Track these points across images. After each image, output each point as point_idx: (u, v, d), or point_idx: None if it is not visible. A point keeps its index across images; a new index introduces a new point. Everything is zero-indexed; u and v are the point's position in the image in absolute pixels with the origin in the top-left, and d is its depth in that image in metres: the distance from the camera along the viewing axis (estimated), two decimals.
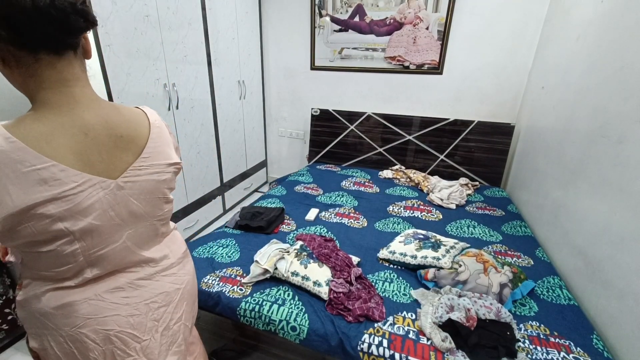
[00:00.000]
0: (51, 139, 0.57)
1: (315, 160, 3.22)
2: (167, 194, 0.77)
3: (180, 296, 0.82)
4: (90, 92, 0.65)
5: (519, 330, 1.17)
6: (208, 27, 2.33)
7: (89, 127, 0.62)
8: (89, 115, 0.62)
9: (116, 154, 0.65)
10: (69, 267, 0.64)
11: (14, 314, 1.59)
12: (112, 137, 0.65)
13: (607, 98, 1.42)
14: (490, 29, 2.47)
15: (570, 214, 1.59)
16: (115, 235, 0.68)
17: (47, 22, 0.53)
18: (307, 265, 1.39)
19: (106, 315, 0.68)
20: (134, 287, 0.73)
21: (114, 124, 0.65)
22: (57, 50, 0.57)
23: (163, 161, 0.73)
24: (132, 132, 0.69)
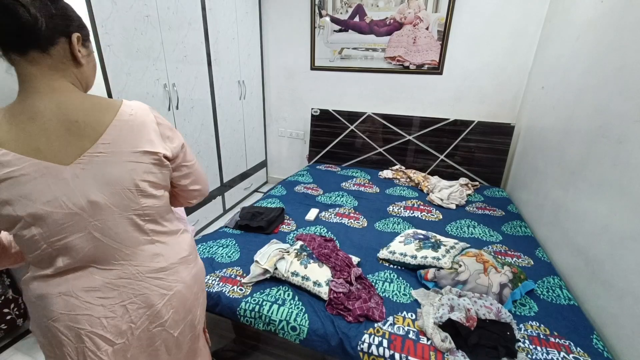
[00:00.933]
0: (1, 128, 0.61)
1: (315, 161, 3.22)
2: (144, 186, 0.71)
3: (166, 302, 0.78)
4: (60, 84, 0.66)
5: (519, 330, 1.17)
6: (208, 27, 2.33)
7: (37, 113, 0.63)
8: (41, 102, 0.63)
9: (69, 140, 0.64)
10: (37, 253, 0.66)
11: (13, 314, 1.59)
12: (65, 122, 0.64)
13: (607, 98, 1.42)
14: (490, 29, 2.47)
15: (570, 214, 1.59)
16: (77, 225, 0.66)
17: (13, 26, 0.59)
18: (307, 265, 1.39)
19: (78, 313, 0.69)
20: (111, 288, 0.71)
21: (69, 110, 0.65)
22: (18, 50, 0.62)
23: (131, 148, 0.68)
24: (91, 118, 0.66)
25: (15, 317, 1.61)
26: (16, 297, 1.62)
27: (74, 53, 0.68)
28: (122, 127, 0.68)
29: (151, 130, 0.72)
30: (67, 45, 0.67)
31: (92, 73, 0.75)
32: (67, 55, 0.67)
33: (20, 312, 1.63)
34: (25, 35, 0.60)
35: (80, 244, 0.68)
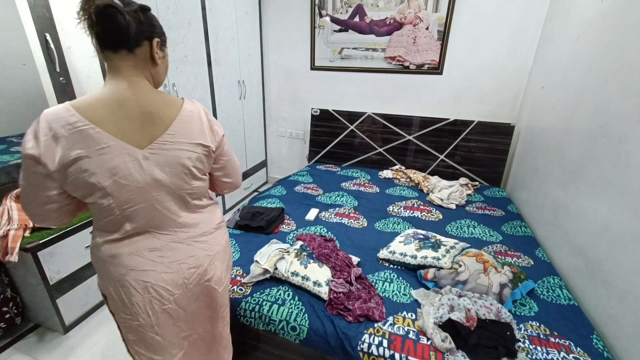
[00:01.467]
0: (94, 107, 0.73)
1: (315, 160, 3.22)
2: (195, 171, 0.86)
3: (210, 262, 0.94)
4: (139, 80, 0.80)
5: (519, 330, 1.17)
6: (208, 27, 2.33)
7: (123, 101, 0.76)
8: (127, 93, 0.77)
9: (144, 127, 0.78)
10: (110, 218, 0.79)
11: (12, 312, 1.60)
12: (143, 112, 0.78)
13: (607, 98, 1.42)
14: (490, 29, 2.47)
15: (570, 214, 1.59)
16: (143, 197, 0.80)
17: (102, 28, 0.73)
18: (307, 265, 1.38)
19: (144, 269, 0.83)
20: (168, 249, 0.86)
21: (147, 102, 0.79)
22: (112, 47, 0.77)
23: (188, 140, 0.83)
24: (162, 111, 0.81)
25: (14, 316, 1.61)
26: (14, 295, 1.62)
27: (153, 54, 0.83)
28: (183, 121, 0.84)
29: (204, 126, 0.88)
30: (149, 48, 0.82)
31: (164, 72, 0.91)
32: (147, 56, 0.82)
33: (18, 310, 1.63)
34: (119, 36, 0.75)
35: (144, 212, 0.81)
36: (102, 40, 0.75)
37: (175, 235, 0.87)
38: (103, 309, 1.83)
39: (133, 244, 0.82)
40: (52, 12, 1.58)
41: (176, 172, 0.83)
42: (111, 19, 0.72)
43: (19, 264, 1.46)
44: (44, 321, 1.68)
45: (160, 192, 0.82)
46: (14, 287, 1.62)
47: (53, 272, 1.53)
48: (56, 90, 1.65)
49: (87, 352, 1.57)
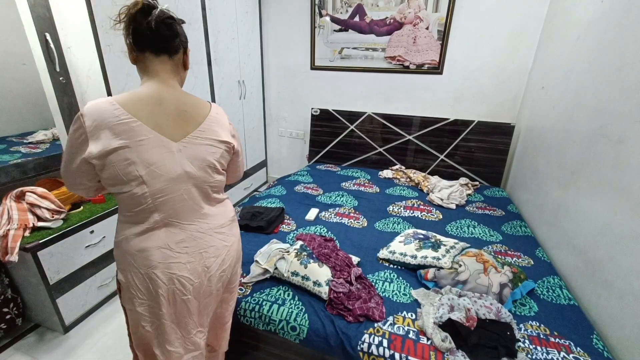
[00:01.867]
0: (136, 104, 0.82)
1: (315, 160, 3.22)
2: (218, 166, 0.95)
3: (227, 252, 1.01)
4: (173, 82, 0.91)
5: (519, 330, 1.17)
6: (208, 27, 2.33)
7: (162, 100, 0.85)
8: (166, 93, 0.87)
9: (179, 124, 0.87)
10: (141, 207, 0.84)
11: (13, 313, 1.60)
12: (179, 110, 0.87)
13: (607, 98, 1.42)
14: (490, 29, 2.47)
15: (570, 214, 1.59)
16: (174, 187, 0.86)
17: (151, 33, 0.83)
18: (307, 265, 1.38)
19: (171, 261, 0.88)
20: (192, 239, 0.92)
21: (182, 102, 0.89)
22: (156, 51, 0.87)
23: (215, 137, 0.93)
24: (194, 111, 0.91)
25: (15, 317, 1.61)
26: (15, 296, 1.62)
27: (185, 61, 0.97)
28: (212, 121, 0.94)
29: (226, 128, 0.99)
30: (182, 55, 0.94)
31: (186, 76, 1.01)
32: (180, 62, 0.95)
33: (19, 311, 1.63)
34: (166, 43, 0.87)
35: (172, 202, 0.87)
36: (148, 44, 0.86)
37: (199, 225, 0.94)
38: (103, 309, 1.83)
39: (161, 238, 0.88)
40: (52, 12, 1.57)
41: (202, 165, 0.91)
42: (168, 28, 0.85)
43: (19, 264, 1.46)
44: (44, 321, 1.68)
45: (188, 183, 0.89)
46: (14, 287, 1.62)
47: (53, 272, 1.53)
48: (56, 90, 1.65)
49: (87, 352, 1.57)
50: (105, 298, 1.86)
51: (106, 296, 1.86)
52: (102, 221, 1.75)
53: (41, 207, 1.54)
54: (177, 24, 0.88)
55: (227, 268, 1.02)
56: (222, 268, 1.00)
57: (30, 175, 1.62)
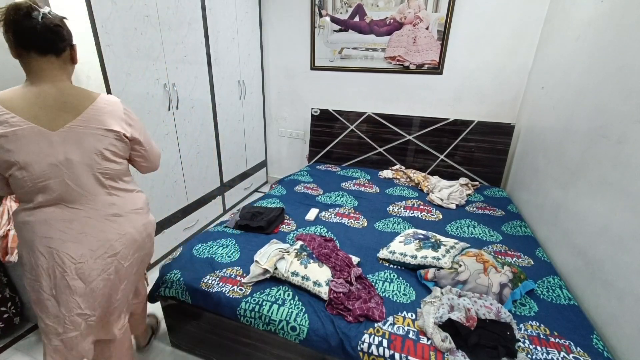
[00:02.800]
0: (14, 99, 0.90)
1: (315, 160, 3.22)
2: (107, 154, 1.00)
3: (119, 239, 1.05)
4: (60, 77, 0.98)
5: (519, 330, 1.17)
6: (208, 27, 2.33)
7: (41, 93, 0.92)
8: (46, 87, 0.93)
9: (59, 114, 0.93)
10: (24, 190, 0.93)
11: (10, 312, 1.60)
12: (59, 102, 0.94)
13: (607, 98, 1.42)
14: (490, 29, 2.47)
15: (570, 214, 1.59)
16: (54, 173, 0.93)
17: (36, 37, 0.90)
18: (307, 265, 1.39)
19: (52, 236, 0.94)
20: (79, 222, 0.98)
21: (64, 94, 0.95)
22: (41, 52, 0.93)
23: (100, 126, 0.98)
24: (76, 101, 0.97)
25: (12, 316, 1.61)
26: (13, 295, 1.62)
27: (73, 56, 1.03)
28: (96, 110, 0.99)
29: (118, 117, 1.03)
30: (70, 52, 1.01)
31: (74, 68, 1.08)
32: (68, 58, 1.01)
33: (17, 310, 1.63)
34: (53, 45, 0.94)
35: (55, 186, 0.94)
36: (34, 46, 0.91)
37: (87, 210, 0.99)
38: None
39: (44, 214, 0.95)
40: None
41: (86, 152, 0.96)
42: (54, 33, 0.93)
43: (19, 264, 1.46)
44: None
45: (71, 169, 0.95)
46: (12, 286, 1.62)
47: None
48: None
49: None
50: None
51: None
52: None
53: None
54: (63, 29, 0.95)
55: (119, 256, 1.05)
56: (112, 254, 1.03)
57: None
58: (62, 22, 0.96)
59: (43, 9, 0.90)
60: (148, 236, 1.17)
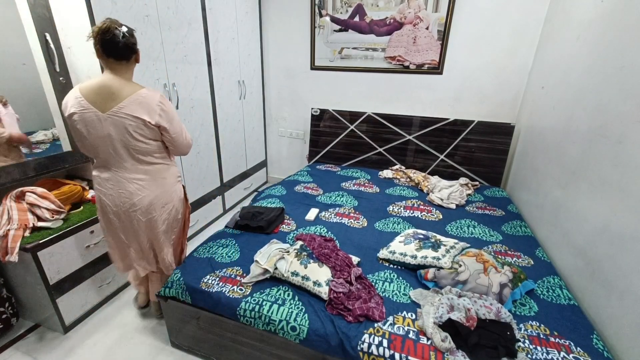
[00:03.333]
0: (86, 88, 1.24)
1: (315, 160, 3.22)
2: (135, 135, 1.28)
3: (140, 199, 1.37)
4: (125, 75, 1.30)
5: (519, 330, 1.17)
6: (208, 27, 2.33)
7: (102, 85, 1.24)
8: (108, 80, 1.25)
9: (109, 101, 1.24)
10: (90, 154, 1.35)
11: (8, 312, 1.60)
12: (110, 92, 1.24)
13: (607, 98, 1.42)
14: (490, 29, 2.47)
15: (570, 214, 1.59)
16: (102, 143, 1.28)
17: (116, 50, 1.23)
18: (307, 265, 1.38)
19: (100, 188, 1.37)
20: (114, 180, 1.35)
21: (116, 86, 1.25)
22: (117, 59, 1.26)
23: (130, 113, 1.25)
24: (120, 93, 1.25)
25: (10, 316, 1.61)
26: (10, 296, 1.62)
27: (137, 59, 1.34)
28: (133, 101, 1.26)
29: (148, 107, 1.28)
30: (135, 56, 1.32)
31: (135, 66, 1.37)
32: (133, 61, 1.32)
33: (14, 311, 1.63)
34: (125, 55, 1.27)
35: (102, 154, 1.31)
36: (113, 54, 1.23)
37: (120, 173, 1.34)
38: (103, 309, 1.83)
39: (99, 171, 1.36)
40: (52, 12, 1.57)
41: (120, 131, 1.26)
42: (129, 48, 1.27)
43: (19, 264, 1.46)
44: (43, 321, 1.68)
45: (111, 142, 1.28)
46: (9, 287, 1.62)
47: (53, 272, 1.53)
48: (56, 90, 1.65)
49: (87, 352, 1.57)
50: (105, 298, 1.86)
51: (106, 296, 1.86)
52: None
53: (41, 207, 1.54)
54: (135, 43, 1.28)
55: (137, 210, 1.38)
56: (133, 208, 1.38)
57: (30, 176, 1.62)
58: (134, 36, 1.27)
59: (121, 28, 1.21)
60: (169, 202, 1.47)
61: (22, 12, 1.50)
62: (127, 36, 1.23)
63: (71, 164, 1.80)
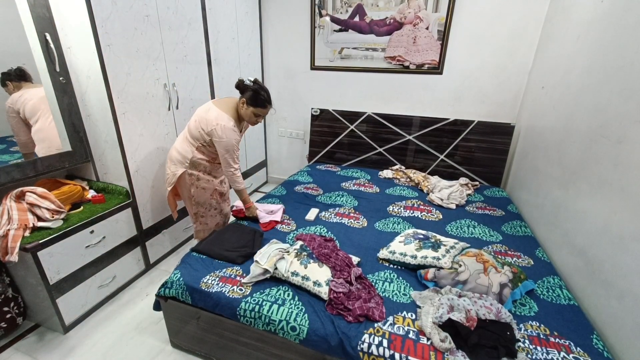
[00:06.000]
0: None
1: (315, 160, 3.22)
2: (192, 131, 1.77)
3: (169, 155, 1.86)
4: (231, 104, 1.80)
5: (519, 330, 1.17)
6: (208, 27, 2.33)
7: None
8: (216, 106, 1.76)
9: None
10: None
11: (13, 312, 1.60)
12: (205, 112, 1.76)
13: (607, 98, 1.42)
14: (490, 29, 2.47)
15: (570, 214, 1.59)
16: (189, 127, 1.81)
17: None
18: (307, 265, 1.38)
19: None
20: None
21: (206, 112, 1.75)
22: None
23: (197, 121, 1.76)
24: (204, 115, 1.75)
25: (15, 316, 1.61)
26: (16, 295, 1.62)
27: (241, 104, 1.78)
28: (200, 114, 1.77)
29: (203, 124, 1.72)
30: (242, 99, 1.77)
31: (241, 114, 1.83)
32: (240, 104, 1.77)
33: (20, 310, 1.63)
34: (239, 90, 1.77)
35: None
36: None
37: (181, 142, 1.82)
38: (103, 309, 1.83)
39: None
40: (52, 12, 1.57)
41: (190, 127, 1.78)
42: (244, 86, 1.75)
43: (19, 264, 1.46)
44: (44, 321, 1.68)
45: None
46: (15, 287, 1.62)
47: (53, 272, 1.53)
48: (56, 90, 1.65)
49: (87, 352, 1.57)
50: (105, 298, 1.86)
51: (106, 296, 1.86)
52: (102, 221, 1.75)
53: (41, 207, 1.54)
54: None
55: (169, 161, 1.84)
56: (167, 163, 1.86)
57: (30, 176, 1.62)
58: (250, 89, 1.70)
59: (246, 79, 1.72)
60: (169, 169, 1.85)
61: (22, 12, 1.50)
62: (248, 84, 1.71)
63: (71, 164, 1.80)
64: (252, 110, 1.72)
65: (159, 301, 1.49)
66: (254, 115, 1.74)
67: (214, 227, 1.97)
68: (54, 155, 1.71)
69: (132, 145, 1.88)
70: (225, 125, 1.66)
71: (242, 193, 1.86)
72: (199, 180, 1.83)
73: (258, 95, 1.69)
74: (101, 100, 1.71)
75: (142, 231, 2.03)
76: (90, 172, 1.94)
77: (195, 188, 1.84)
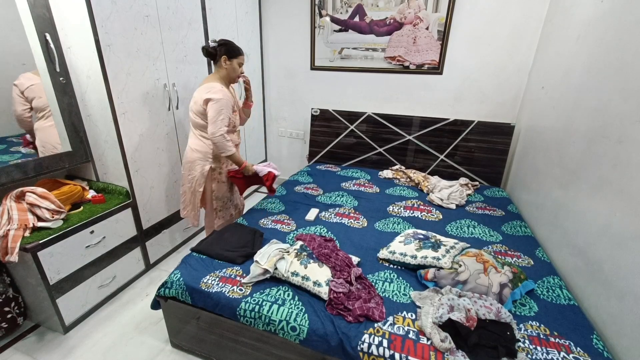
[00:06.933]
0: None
1: (315, 160, 3.22)
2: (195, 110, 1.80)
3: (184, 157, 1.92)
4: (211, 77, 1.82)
5: (519, 330, 1.17)
6: (208, 27, 2.33)
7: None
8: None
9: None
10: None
11: (14, 312, 1.60)
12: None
13: (607, 98, 1.42)
14: (490, 29, 2.47)
15: (570, 214, 1.59)
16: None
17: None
18: (307, 265, 1.38)
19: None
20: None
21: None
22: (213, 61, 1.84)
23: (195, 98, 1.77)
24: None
25: (16, 316, 1.61)
26: (16, 295, 1.62)
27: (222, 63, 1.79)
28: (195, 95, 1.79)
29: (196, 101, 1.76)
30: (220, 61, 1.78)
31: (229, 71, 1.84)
32: (222, 64, 1.78)
33: (20, 310, 1.63)
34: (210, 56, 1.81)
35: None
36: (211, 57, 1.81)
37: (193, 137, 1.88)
38: (103, 309, 1.83)
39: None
40: (52, 12, 1.57)
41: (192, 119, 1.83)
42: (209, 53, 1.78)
43: (19, 264, 1.46)
44: (44, 321, 1.68)
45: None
46: (15, 287, 1.62)
47: (53, 272, 1.53)
48: (56, 90, 1.65)
49: (87, 352, 1.57)
50: (105, 298, 1.86)
51: (106, 296, 1.86)
52: (102, 221, 1.75)
53: (41, 207, 1.54)
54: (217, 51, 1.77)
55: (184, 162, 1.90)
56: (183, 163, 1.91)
57: (30, 176, 1.62)
58: (221, 45, 1.76)
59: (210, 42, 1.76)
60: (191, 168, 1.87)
61: (22, 12, 1.50)
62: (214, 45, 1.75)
63: (71, 164, 1.80)
64: (236, 61, 1.79)
65: (157, 300, 1.49)
66: (239, 66, 1.82)
67: (229, 218, 2.07)
68: (54, 155, 1.72)
69: (132, 146, 1.88)
70: (214, 86, 1.72)
71: (234, 156, 1.84)
72: (221, 174, 1.92)
73: (232, 45, 1.78)
74: (101, 100, 1.71)
75: (142, 231, 2.03)
76: (90, 172, 1.94)
77: (217, 183, 1.92)
